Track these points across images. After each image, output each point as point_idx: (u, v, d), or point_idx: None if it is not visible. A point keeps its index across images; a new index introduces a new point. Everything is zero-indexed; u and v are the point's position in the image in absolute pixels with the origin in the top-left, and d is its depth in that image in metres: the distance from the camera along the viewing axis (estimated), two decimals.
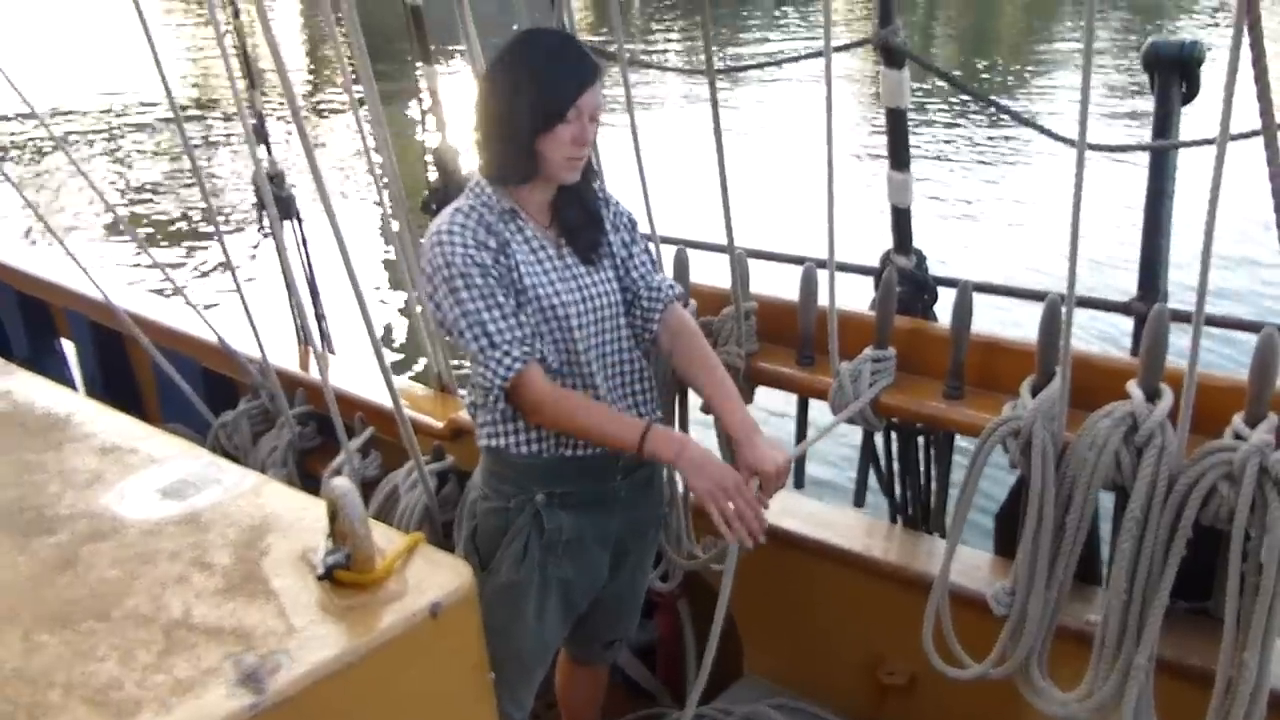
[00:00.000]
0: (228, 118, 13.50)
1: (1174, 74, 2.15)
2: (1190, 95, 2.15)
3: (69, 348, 4.42)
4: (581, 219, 2.00)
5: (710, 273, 2.58)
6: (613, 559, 2.12)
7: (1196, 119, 2.19)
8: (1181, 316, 1.84)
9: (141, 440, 1.50)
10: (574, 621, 2.19)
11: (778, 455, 1.83)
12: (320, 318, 3.69)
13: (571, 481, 1.99)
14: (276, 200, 3.30)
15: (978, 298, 2.22)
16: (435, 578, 1.17)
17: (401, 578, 1.17)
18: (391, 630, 1.10)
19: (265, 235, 3.61)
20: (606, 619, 2.28)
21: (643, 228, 2.15)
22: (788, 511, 2.55)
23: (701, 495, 1.79)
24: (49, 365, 4.32)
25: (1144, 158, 2.32)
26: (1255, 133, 1.43)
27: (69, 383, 4.25)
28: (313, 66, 18.45)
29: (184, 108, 13.34)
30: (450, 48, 3.44)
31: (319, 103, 14.81)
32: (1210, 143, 1.53)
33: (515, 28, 1.96)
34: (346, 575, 1.14)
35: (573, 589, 2.08)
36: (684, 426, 2.49)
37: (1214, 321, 1.96)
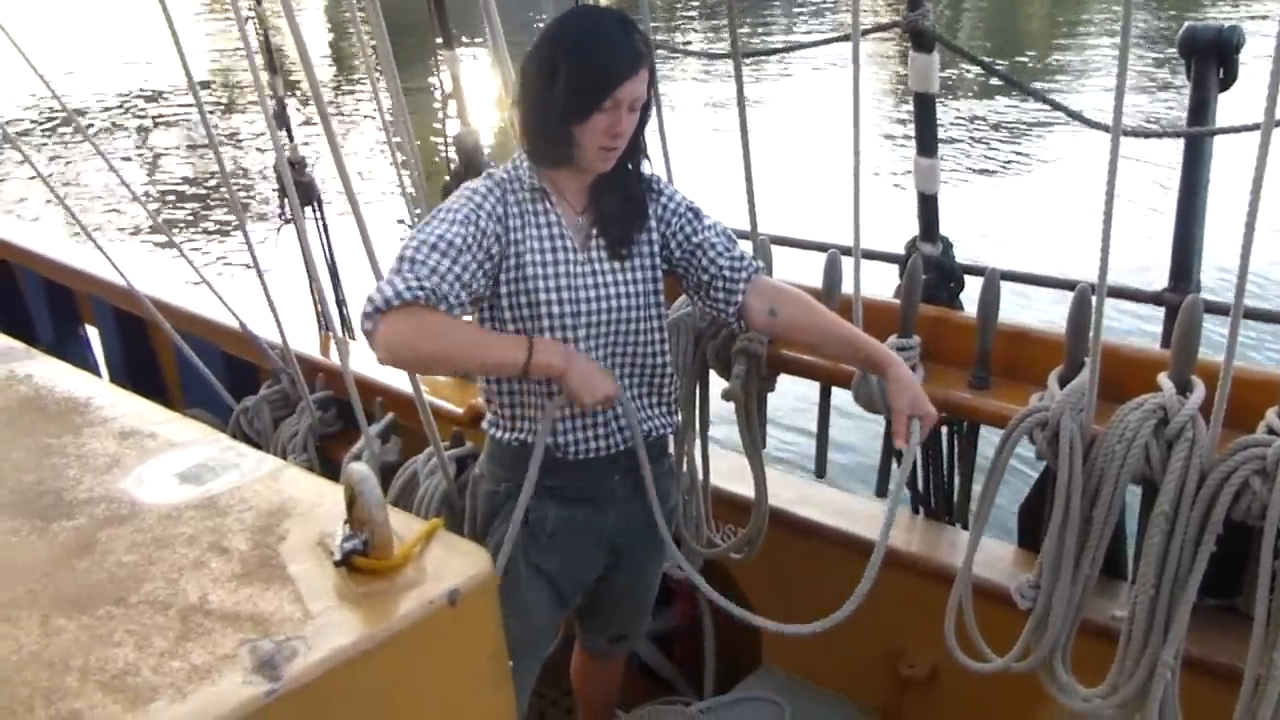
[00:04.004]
0: (250, 103, 13.55)
1: (1211, 59, 2.10)
2: (1228, 82, 2.10)
3: (93, 333, 4.45)
4: (618, 208, 1.93)
5: None
6: (610, 556, 2.09)
7: (1229, 104, 2.15)
8: (1213, 308, 1.81)
9: (160, 425, 1.49)
10: (570, 614, 2.17)
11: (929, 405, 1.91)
12: (341, 303, 3.70)
13: (564, 476, 1.96)
14: (297, 185, 3.30)
15: (1005, 286, 2.19)
16: (454, 565, 1.16)
17: (420, 564, 1.16)
18: (409, 617, 1.09)
19: (286, 221, 3.61)
20: (611, 615, 2.26)
21: None
22: (808, 500, 2.53)
23: (585, 405, 1.87)
24: (73, 351, 4.35)
25: (1173, 143, 2.27)
26: None
27: (92, 368, 4.28)
28: (334, 54, 18.49)
29: (211, 104, 13.39)
30: (468, 38, 3.41)
31: (340, 89, 14.83)
32: (1252, 129, 1.49)
33: (543, 17, 1.92)
34: (364, 561, 1.13)
35: (558, 581, 2.05)
36: (705, 415, 2.47)
37: (1249, 314, 1.92)
